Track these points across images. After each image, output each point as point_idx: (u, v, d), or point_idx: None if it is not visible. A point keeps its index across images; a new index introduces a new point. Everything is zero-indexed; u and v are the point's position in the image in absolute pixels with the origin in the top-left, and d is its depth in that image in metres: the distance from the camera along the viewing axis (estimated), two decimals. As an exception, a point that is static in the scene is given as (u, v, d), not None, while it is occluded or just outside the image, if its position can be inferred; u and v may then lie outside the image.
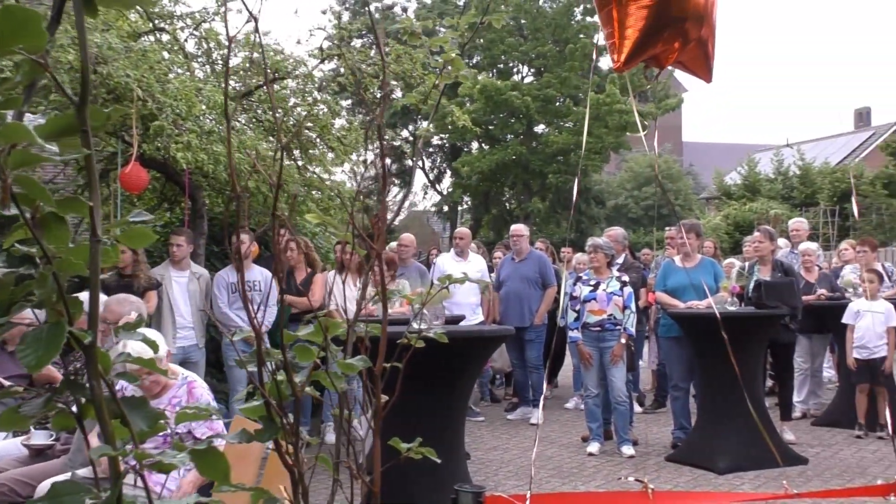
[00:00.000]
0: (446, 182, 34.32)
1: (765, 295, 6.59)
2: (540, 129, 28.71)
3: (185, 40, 8.38)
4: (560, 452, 6.90)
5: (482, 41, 28.28)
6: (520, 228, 8.71)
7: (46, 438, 4.27)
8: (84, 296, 1.01)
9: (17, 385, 4.14)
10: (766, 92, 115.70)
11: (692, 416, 6.98)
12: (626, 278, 6.92)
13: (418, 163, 33.79)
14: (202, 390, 3.72)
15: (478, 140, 29.40)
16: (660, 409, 8.68)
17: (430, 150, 34.06)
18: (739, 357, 5.61)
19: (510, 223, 12.30)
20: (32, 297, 0.93)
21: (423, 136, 24.92)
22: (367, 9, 25.93)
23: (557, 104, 27.42)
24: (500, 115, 27.72)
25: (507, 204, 30.78)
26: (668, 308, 7.01)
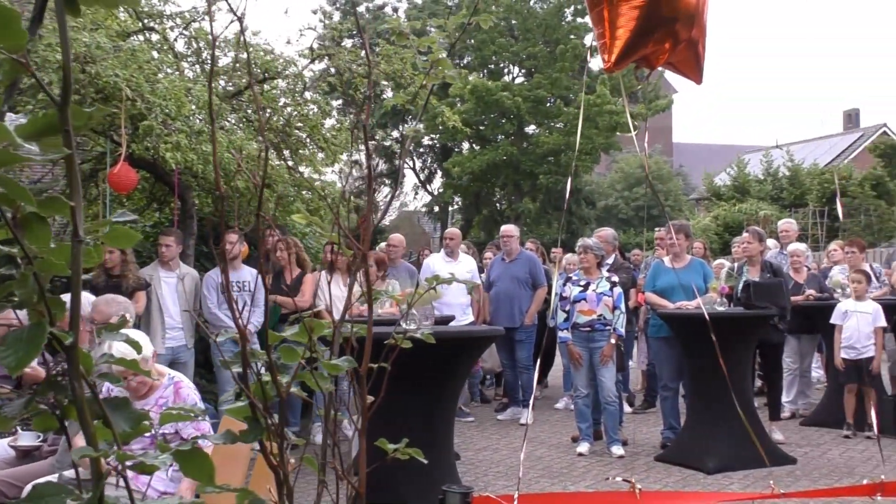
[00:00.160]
0: (437, 182, 34.33)
1: (754, 295, 6.62)
2: (531, 129, 28.74)
3: (175, 40, 8.35)
4: (550, 453, 6.91)
5: (473, 41, 28.29)
6: (510, 229, 8.72)
7: (34, 440, 4.24)
8: (68, 296, 1.01)
9: (3, 386, 4.12)
10: (756, 93, 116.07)
11: (681, 417, 7.00)
12: (615, 279, 6.93)
13: (408, 163, 33.79)
14: (189, 391, 3.71)
15: (468, 140, 29.39)
16: (649, 409, 8.70)
17: (421, 150, 34.05)
18: (728, 357, 5.63)
19: (501, 223, 12.30)
20: (14, 298, 0.92)
21: (411, 137, 24.92)
22: (354, 10, 25.88)
23: (548, 105, 27.47)
24: (491, 116, 27.75)
25: (497, 204, 30.79)
26: (658, 308, 7.03)
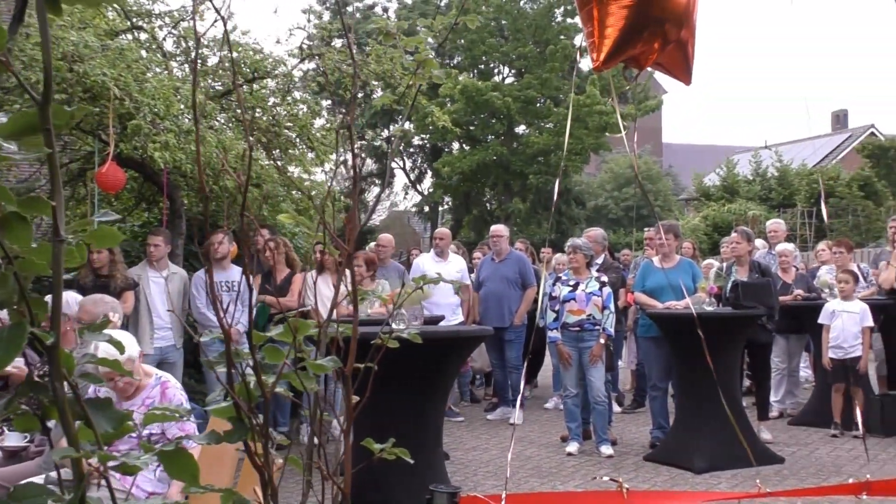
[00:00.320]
0: (427, 182, 34.34)
1: (742, 295, 6.64)
2: (521, 129, 28.77)
3: (164, 39, 8.33)
4: (539, 452, 6.92)
5: (463, 41, 28.31)
6: (500, 229, 8.73)
7: (20, 440, 4.21)
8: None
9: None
10: (745, 94, 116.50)
11: (671, 416, 7.02)
12: (605, 279, 6.94)
13: (398, 163, 33.77)
14: (175, 391, 3.70)
15: (458, 140, 29.41)
16: (638, 408, 8.72)
17: (411, 150, 34.05)
18: (717, 357, 5.64)
19: (491, 223, 12.31)
20: (-6, 298, 0.92)
21: (399, 137, 24.90)
22: (342, 11, 25.84)
23: (538, 105, 27.49)
24: (481, 116, 27.76)
25: (487, 204, 30.82)
26: (647, 308, 7.05)
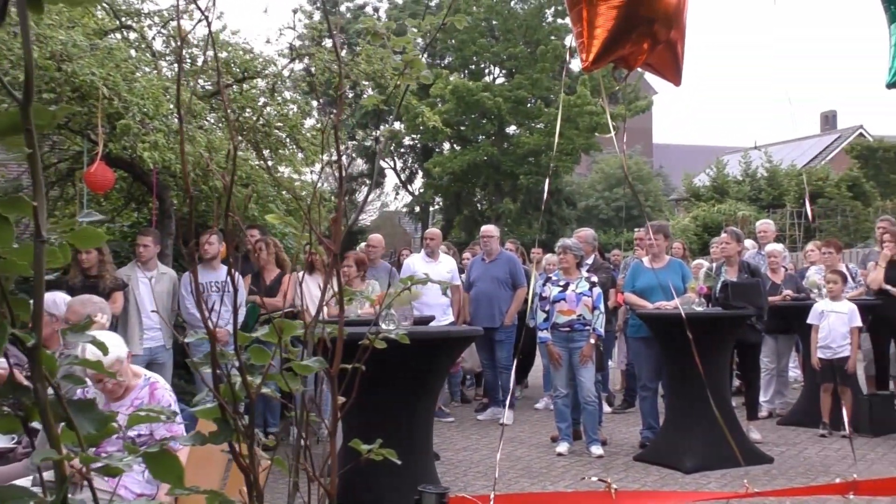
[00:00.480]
0: (418, 182, 34.33)
1: (731, 295, 6.66)
2: (511, 130, 28.80)
3: (153, 39, 8.29)
4: (529, 452, 6.92)
5: (454, 42, 28.31)
6: (490, 229, 8.74)
7: (7, 442, 4.19)
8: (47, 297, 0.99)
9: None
10: (735, 94, 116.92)
11: (661, 416, 7.03)
12: (595, 279, 6.95)
13: (389, 163, 33.74)
14: (163, 392, 3.68)
15: (449, 141, 29.42)
16: (629, 409, 8.74)
17: (402, 150, 34.03)
18: (706, 357, 5.65)
19: (481, 224, 12.31)
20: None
21: (387, 137, 24.86)
22: (329, 11, 25.77)
23: (529, 105, 27.52)
24: (472, 116, 27.77)
25: (478, 205, 30.83)
26: (637, 309, 7.06)
